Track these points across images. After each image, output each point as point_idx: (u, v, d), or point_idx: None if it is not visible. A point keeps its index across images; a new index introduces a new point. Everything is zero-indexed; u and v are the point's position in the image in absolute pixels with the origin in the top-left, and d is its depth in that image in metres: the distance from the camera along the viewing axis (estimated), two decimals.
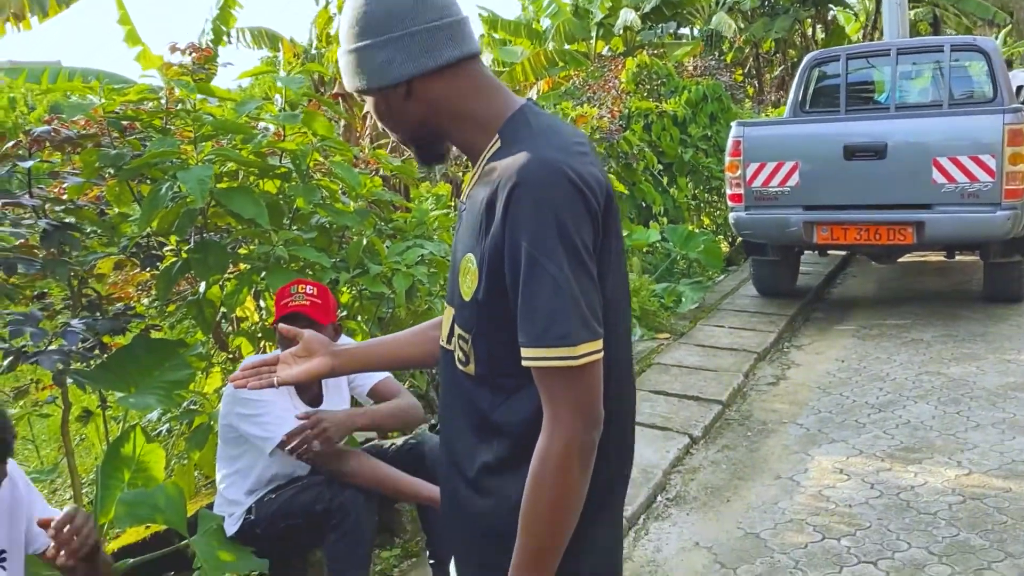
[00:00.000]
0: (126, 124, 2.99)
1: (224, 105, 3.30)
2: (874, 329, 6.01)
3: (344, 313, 3.55)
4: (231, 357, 3.46)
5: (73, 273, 2.83)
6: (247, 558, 2.45)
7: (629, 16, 15.07)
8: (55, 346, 2.56)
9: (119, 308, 2.97)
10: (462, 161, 6.33)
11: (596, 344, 1.14)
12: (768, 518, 3.35)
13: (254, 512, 2.53)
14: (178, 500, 2.44)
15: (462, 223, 1.31)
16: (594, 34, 15.99)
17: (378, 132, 6.23)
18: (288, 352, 1.56)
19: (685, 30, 18.44)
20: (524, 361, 1.15)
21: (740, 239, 7.04)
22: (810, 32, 19.39)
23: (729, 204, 6.48)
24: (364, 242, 3.34)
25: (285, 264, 3.03)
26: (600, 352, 1.15)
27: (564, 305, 1.12)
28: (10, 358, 2.52)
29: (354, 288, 3.46)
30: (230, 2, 9.89)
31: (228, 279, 3.16)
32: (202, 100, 3.11)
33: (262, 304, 3.49)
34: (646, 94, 9.53)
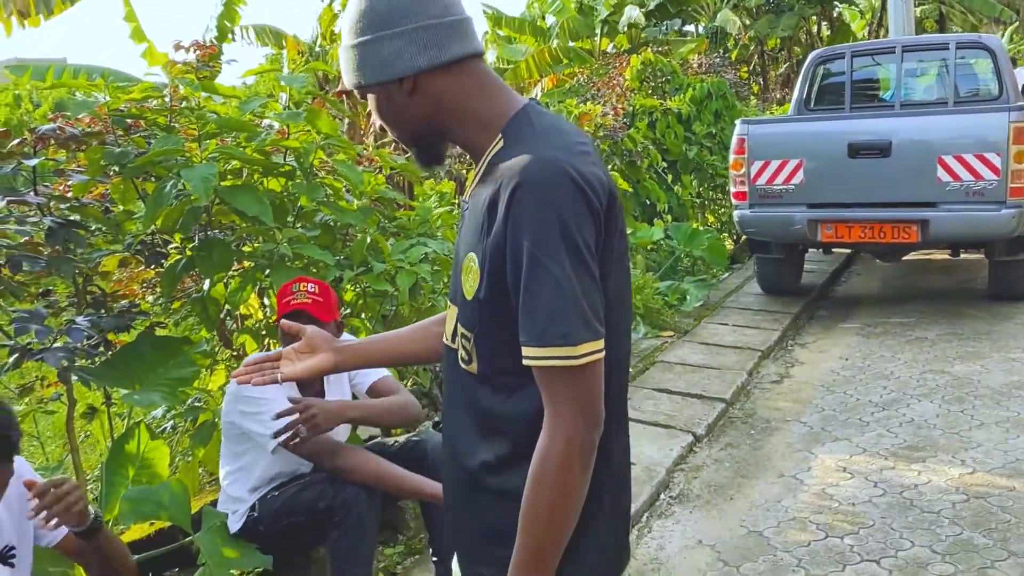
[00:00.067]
0: (131, 122, 3.00)
1: (229, 103, 3.31)
2: (878, 327, 6.00)
3: (348, 311, 3.56)
4: (235, 354, 3.47)
5: (78, 270, 2.85)
6: (251, 554, 2.46)
7: (633, 13, 15.06)
8: (60, 343, 2.57)
9: (124, 305, 2.99)
10: (466, 159, 6.33)
11: (598, 344, 1.14)
12: (771, 516, 3.35)
13: (257, 509, 2.54)
14: (182, 497, 2.46)
15: (464, 222, 1.31)
16: (598, 31, 15.98)
17: (382, 130, 6.23)
18: (291, 348, 1.56)
19: (690, 27, 18.40)
20: (525, 360, 1.15)
21: (744, 237, 7.03)
22: (815, 29, 19.34)
23: (733, 202, 6.47)
24: (368, 240, 3.35)
25: (289, 262, 3.04)
26: (601, 352, 1.15)
27: (565, 304, 1.12)
28: (15, 355, 2.53)
29: (358, 286, 3.46)
30: None
31: (232, 277, 3.17)
32: (206, 98, 3.11)
33: (266, 302, 3.50)
34: (650, 91, 9.53)
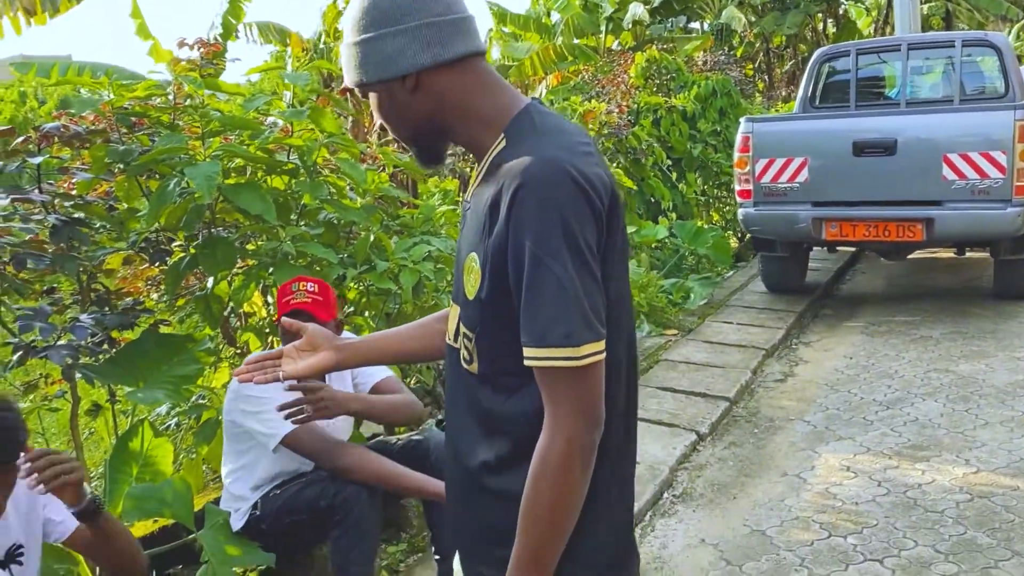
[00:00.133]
0: (135, 119, 3.00)
1: (233, 100, 3.31)
2: (883, 326, 5.99)
3: (351, 309, 3.56)
4: (239, 352, 3.47)
5: (82, 268, 2.85)
6: (254, 553, 2.46)
7: (638, 10, 15.03)
8: (64, 341, 2.58)
9: (128, 303, 2.99)
10: (469, 157, 6.33)
11: (599, 344, 1.14)
12: (774, 515, 3.35)
13: (259, 507, 2.54)
14: (185, 494, 2.46)
15: (466, 222, 1.31)
16: (603, 28, 15.95)
17: (382, 129, 6.23)
18: (292, 346, 1.55)
19: (695, 24, 18.38)
20: (526, 361, 1.15)
21: (749, 235, 7.02)
22: (821, 27, 19.29)
23: (738, 200, 6.46)
24: (371, 238, 3.35)
25: (292, 260, 3.04)
26: (603, 353, 1.15)
27: (567, 305, 1.12)
28: (20, 352, 2.54)
29: (361, 284, 3.46)
30: None
31: (236, 275, 3.17)
32: (210, 96, 3.12)
33: (269, 300, 3.50)
34: (655, 89, 9.51)
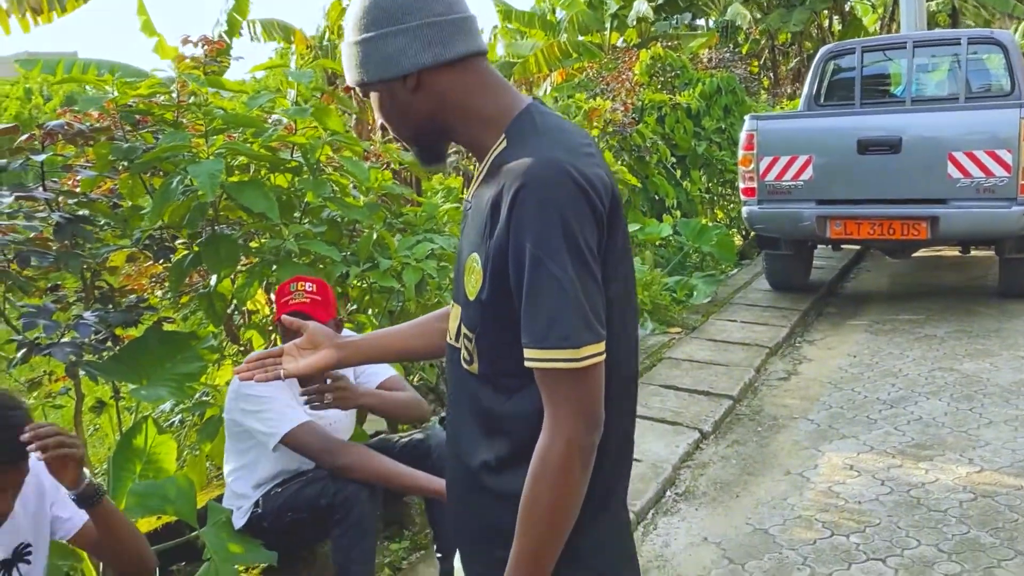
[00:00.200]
0: (139, 117, 3.01)
1: (237, 98, 3.31)
2: (887, 324, 5.98)
3: (354, 307, 3.57)
4: (242, 350, 3.48)
5: (86, 265, 2.86)
6: (256, 550, 2.47)
7: (643, 7, 15.00)
8: (68, 338, 2.58)
9: (131, 300, 3.00)
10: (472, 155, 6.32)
11: (599, 346, 1.14)
12: (777, 514, 3.35)
13: (261, 505, 2.55)
14: (188, 492, 2.47)
15: (467, 222, 1.31)
16: (608, 25, 15.93)
17: (383, 128, 6.23)
18: (292, 344, 1.55)
19: (700, 21, 18.32)
20: (527, 362, 1.15)
21: (753, 233, 7.01)
22: (827, 24, 19.22)
23: (742, 198, 6.45)
24: (374, 236, 3.35)
25: (296, 258, 3.04)
26: (603, 354, 1.15)
27: (567, 306, 1.12)
28: (24, 350, 2.55)
29: (364, 282, 3.47)
30: None
31: (239, 272, 3.18)
32: (214, 93, 3.12)
33: (273, 297, 3.51)
34: (660, 86, 9.49)
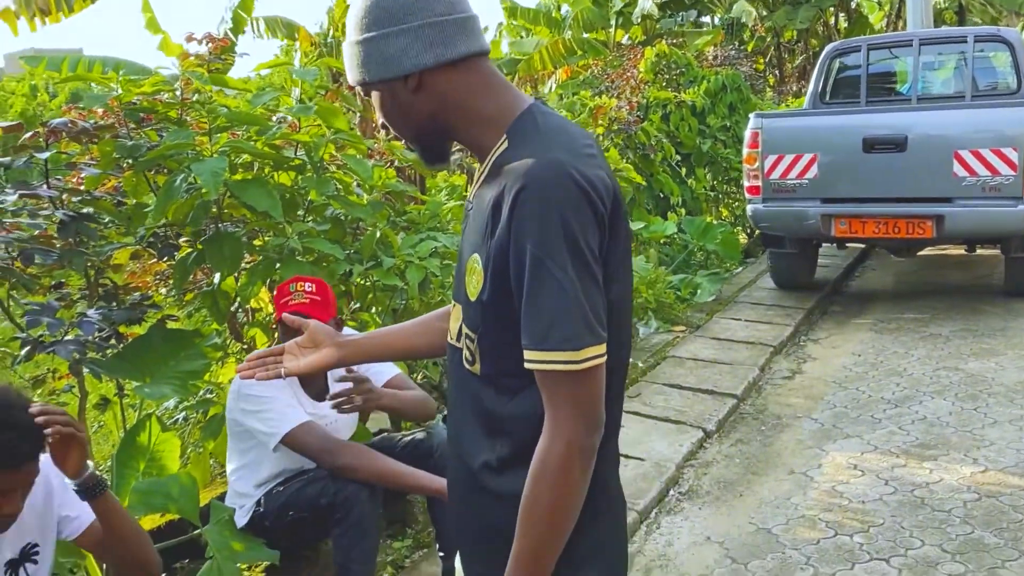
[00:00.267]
0: (143, 115, 3.01)
1: (240, 96, 3.31)
2: (892, 323, 5.96)
3: (357, 305, 3.57)
4: (245, 348, 3.48)
5: (90, 263, 2.86)
6: (259, 549, 2.47)
7: (648, 4, 14.96)
8: (72, 336, 2.59)
9: (135, 298, 3.00)
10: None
11: (600, 348, 1.14)
12: (780, 513, 3.34)
13: (263, 504, 2.55)
14: (191, 490, 2.47)
15: (469, 222, 1.30)
16: (613, 23, 15.89)
17: (383, 127, 6.23)
18: (294, 343, 1.55)
19: (705, 18, 18.26)
20: (527, 364, 1.15)
21: (758, 231, 7.00)
22: (833, 21, 19.16)
23: (747, 196, 6.43)
24: (378, 234, 3.35)
25: (299, 256, 3.04)
26: (603, 356, 1.15)
27: (568, 308, 1.11)
28: (28, 347, 2.56)
29: (367, 280, 3.47)
30: None
31: (243, 270, 3.18)
32: (217, 91, 3.12)
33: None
34: (665, 84, 9.47)
